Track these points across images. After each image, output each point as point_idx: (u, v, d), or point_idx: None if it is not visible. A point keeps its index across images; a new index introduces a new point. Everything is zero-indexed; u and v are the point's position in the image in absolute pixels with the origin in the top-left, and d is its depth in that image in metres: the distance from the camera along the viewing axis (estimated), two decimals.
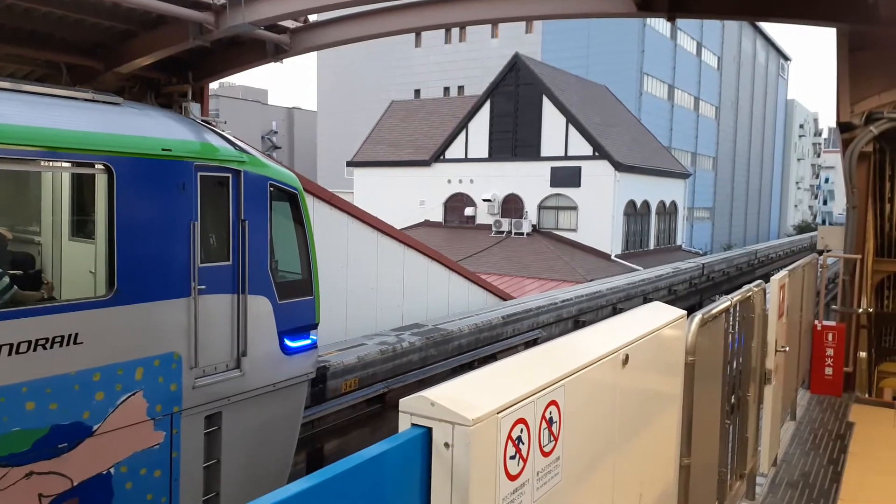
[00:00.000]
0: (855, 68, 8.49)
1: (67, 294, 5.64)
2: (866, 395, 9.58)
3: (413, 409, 2.06)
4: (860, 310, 9.48)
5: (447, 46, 51.69)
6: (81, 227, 5.90)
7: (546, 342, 3.16)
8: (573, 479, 2.65)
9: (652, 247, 36.17)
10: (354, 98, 56.59)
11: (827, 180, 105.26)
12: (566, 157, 32.30)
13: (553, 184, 32.67)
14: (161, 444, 5.30)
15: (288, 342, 6.46)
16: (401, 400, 2.10)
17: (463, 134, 35.07)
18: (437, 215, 35.90)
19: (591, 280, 23.38)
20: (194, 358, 5.50)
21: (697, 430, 3.97)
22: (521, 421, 2.27)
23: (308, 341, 6.76)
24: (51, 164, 4.98)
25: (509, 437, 2.20)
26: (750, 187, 68.72)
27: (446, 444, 2.01)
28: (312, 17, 10.66)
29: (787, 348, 6.80)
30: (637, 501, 3.35)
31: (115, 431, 4.96)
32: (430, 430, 2.04)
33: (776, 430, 6.73)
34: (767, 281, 6.18)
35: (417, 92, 52.50)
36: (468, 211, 34.73)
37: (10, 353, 4.36)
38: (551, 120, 32.61)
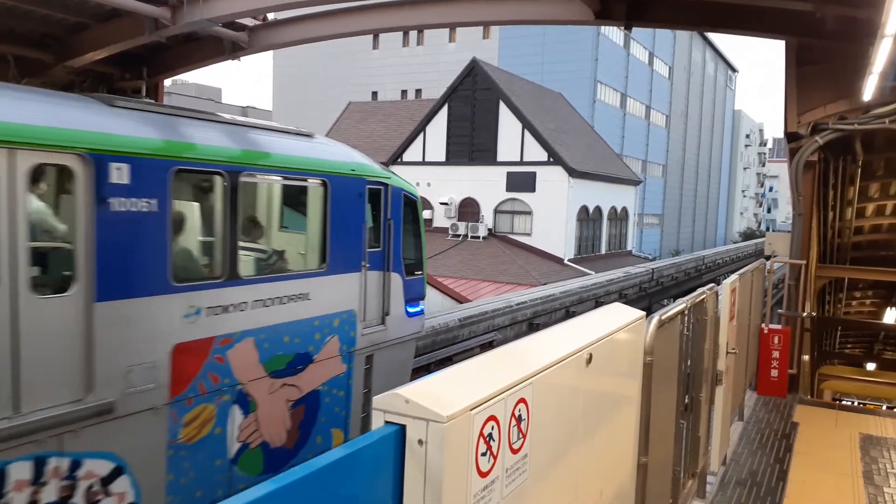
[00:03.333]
0: (802, 81, 8.83)
1: (296, 268, 7.51)
2: (808, 397, 9.94)
3: (387, 406, 2.05)
4: (804, 313, 9.83)
5: (405, 49, 51.66)
6: (288, 220, 7.84)
7: (507, 343, 3.19)
8: (540, 475, 2.68)
9: (603, 251, 36.81)
10: (310, 98, 56.06)
11: (771, 189, 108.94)
12: (522, 163, 32.65)
13: (509, 188, 32.99)
14: (344, 373, 7.43)
15: (409, 308, 8.63)
16: (374, 397, 2.09)
17: (420, 137, 35.09)
18: None
19: (545, 284, 23.67)
20: (363, 314, 7.63)
21: (654, 429, 4.05)
22: (493, 418, 2.28)
23: (419, 308, 9.03)
24: (292, 179, 7.11)
25: (481, 434, 2.21)
26: (698, 195, 70.53)
27: (420, 441, 2.01)
28: (271, 16, 10.55)
29: (737, 350, 7.01)
30: (598, 498, 3.42)
31: (323, 361, 7.09)
32: (403, 427, 2.02)
33: (726, 429, 6.92)
34: (717, 284, 6.36)
35: (374, 94, 52.32)
36: (425, 214, 34.71)
37: (280, 304, 6.44)
38: (508, 125, 32.92)
